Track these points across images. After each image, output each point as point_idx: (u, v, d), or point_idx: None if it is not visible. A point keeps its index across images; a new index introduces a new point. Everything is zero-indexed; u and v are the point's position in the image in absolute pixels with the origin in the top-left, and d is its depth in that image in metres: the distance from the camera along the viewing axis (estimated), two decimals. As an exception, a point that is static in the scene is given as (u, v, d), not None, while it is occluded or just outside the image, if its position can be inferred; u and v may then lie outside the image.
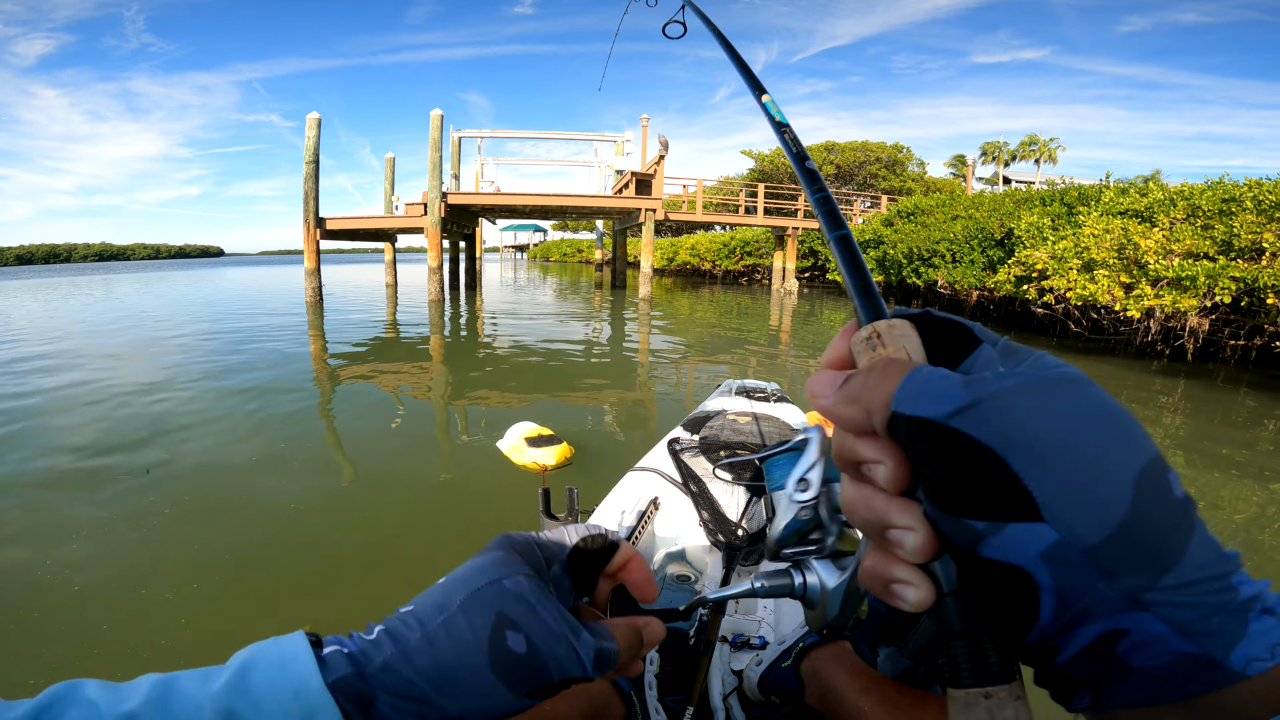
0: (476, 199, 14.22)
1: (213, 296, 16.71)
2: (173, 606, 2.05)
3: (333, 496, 3.00)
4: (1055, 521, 0.19)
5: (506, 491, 2.96)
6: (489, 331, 9.08)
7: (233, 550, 2.44)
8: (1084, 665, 0.21)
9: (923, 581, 0.22)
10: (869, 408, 0.22)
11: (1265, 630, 0.19)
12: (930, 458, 0.20)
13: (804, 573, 0.39)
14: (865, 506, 0.23)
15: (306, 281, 12.71)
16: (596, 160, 19.00)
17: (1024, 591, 0.20)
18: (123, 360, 6.72)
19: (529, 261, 59.93)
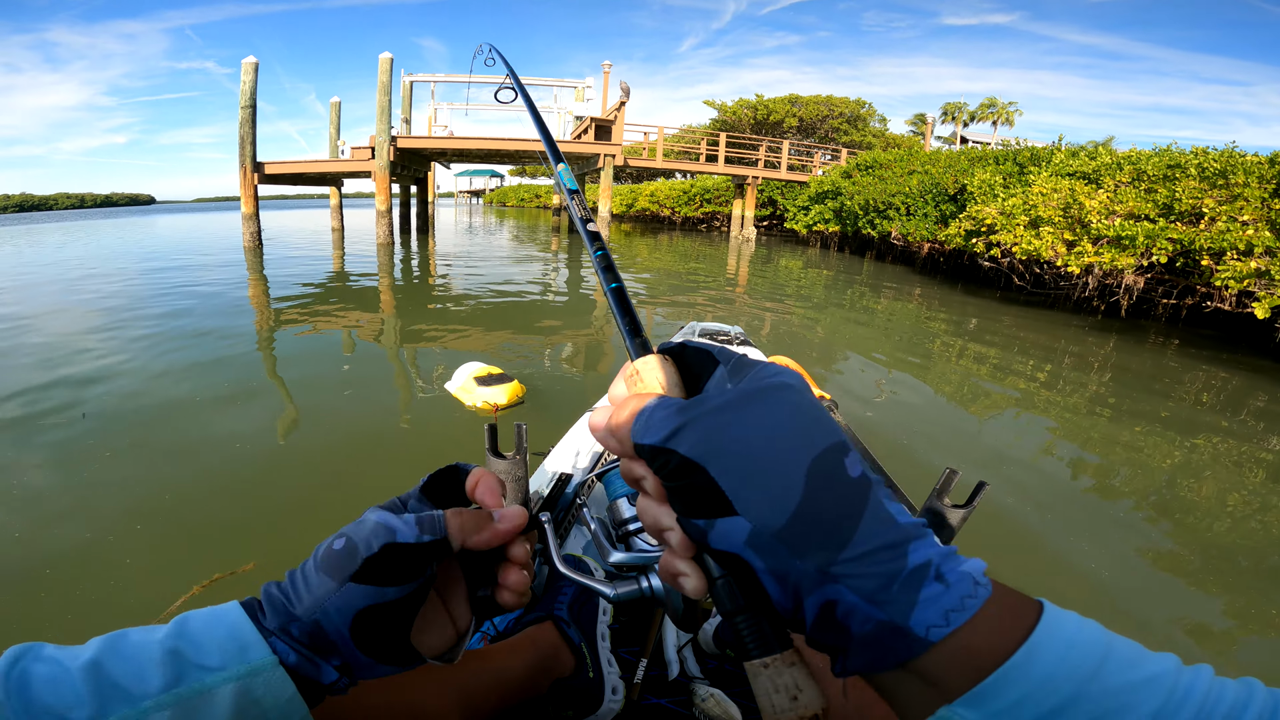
0: (428, 143, 13.71)
1: (143, 244, 15.66)
2: (115, 549, 1.98)
3: (275, 442, 2.90)
4: (746, 513, 0.24)
5: (455, 433, 2.91)
6: (442, 275, 8.81)
7: (175, 494, 2.35)
8: (824, 633, 0.25)
9: (695, 571, 0.27)
10: (621, 440, 0.27)
11: (935, 596, 0.23)
12: (663, 473, 0.25)
13: (648, 578, 0.42)
14: (645, 513, 0.28)
15: (244, 226, 12.06)
16: (556, 106, 18.39)
17: (750, 573, 0.25)
18: (51, 311, 6.28)
19: (485, 207, 58.02)
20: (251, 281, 8.00)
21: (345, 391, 3.55)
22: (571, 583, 0.88)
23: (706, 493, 0.24)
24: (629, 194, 28.21)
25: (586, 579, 0.45)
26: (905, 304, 7.46)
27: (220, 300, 6.41)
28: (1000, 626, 0.23)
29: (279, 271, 8.86)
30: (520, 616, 0.84)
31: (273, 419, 3.14)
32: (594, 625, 0.84)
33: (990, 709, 0.22)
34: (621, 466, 0.29)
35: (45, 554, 1.96)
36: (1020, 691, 0.21)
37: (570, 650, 0.77)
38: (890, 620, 0.23)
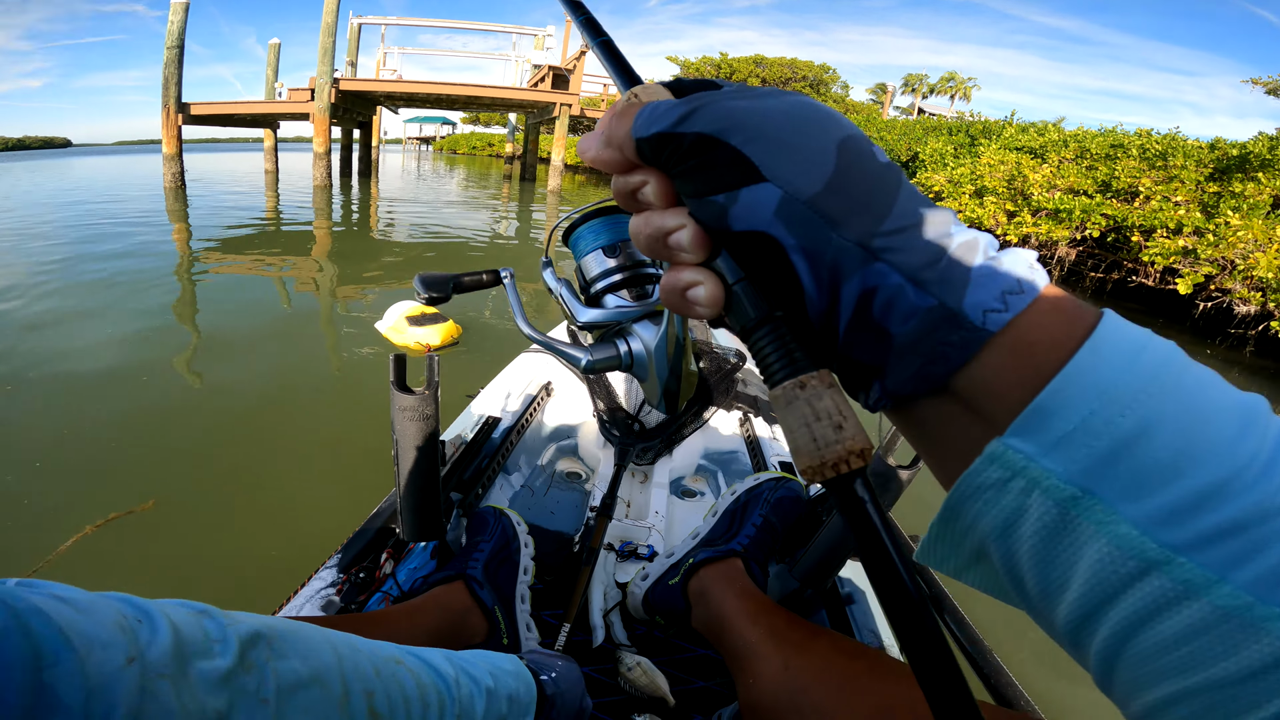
0: (373, 85, 13.04)
1: (53, 187, 14.41)
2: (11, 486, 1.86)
3: (184, 381, 2.70)
4: (775, 178, 0.21)
5: (380, 375, 2.72)
6: (384, 218, 8.39)
7: (75, 432, 2.17)
8: (858, 343, 0.22)
9: (709, 277, 0.24)
10: (619, 144, 0.25)
11: (989, 274, 0.20)
12: (672, 161, 0.23)
13: (627, 340, 0.38)
14: (645, 223, 0.25)
15: (165, 167, 11.24)
16: (514, 54, 17.73)
17: (777, 256, 0.22)
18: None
19: (435, 154, 55.83)
20: (172, 223, 7.41)
21: (266, 330, 3.30)
22: (489, 536, 0.80)
23: (727, 163, 0.22)
24: None
25: (555, 343, 0.41)
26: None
27: (134, 241, 5.88)
28: (1059, 320, 0.19)
29: (207, 216, 8.23)
30: (429, 574, 0.75)
31: (182, 358, 2.91)
32: (513, 586, 0.77)
33: (1050, 435, 0.18)
34: (615, 186, 0.26)
35: None
36: (1085, 408, 0.18)
37: (482, 614, 0.70)
38: (940, 304, 0.20)
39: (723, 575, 0.73)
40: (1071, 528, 0.18)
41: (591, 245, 0.40)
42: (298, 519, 1.82)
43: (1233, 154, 6.64)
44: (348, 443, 2.22)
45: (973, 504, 0.20)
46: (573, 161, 27.19)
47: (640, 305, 0.38)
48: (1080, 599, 0.18)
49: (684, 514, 1.12)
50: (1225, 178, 6.55)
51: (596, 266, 0.40)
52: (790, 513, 0.84)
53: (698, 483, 1.23)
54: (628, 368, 0.37)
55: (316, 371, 2.84)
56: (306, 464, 2.10)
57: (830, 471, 0.19)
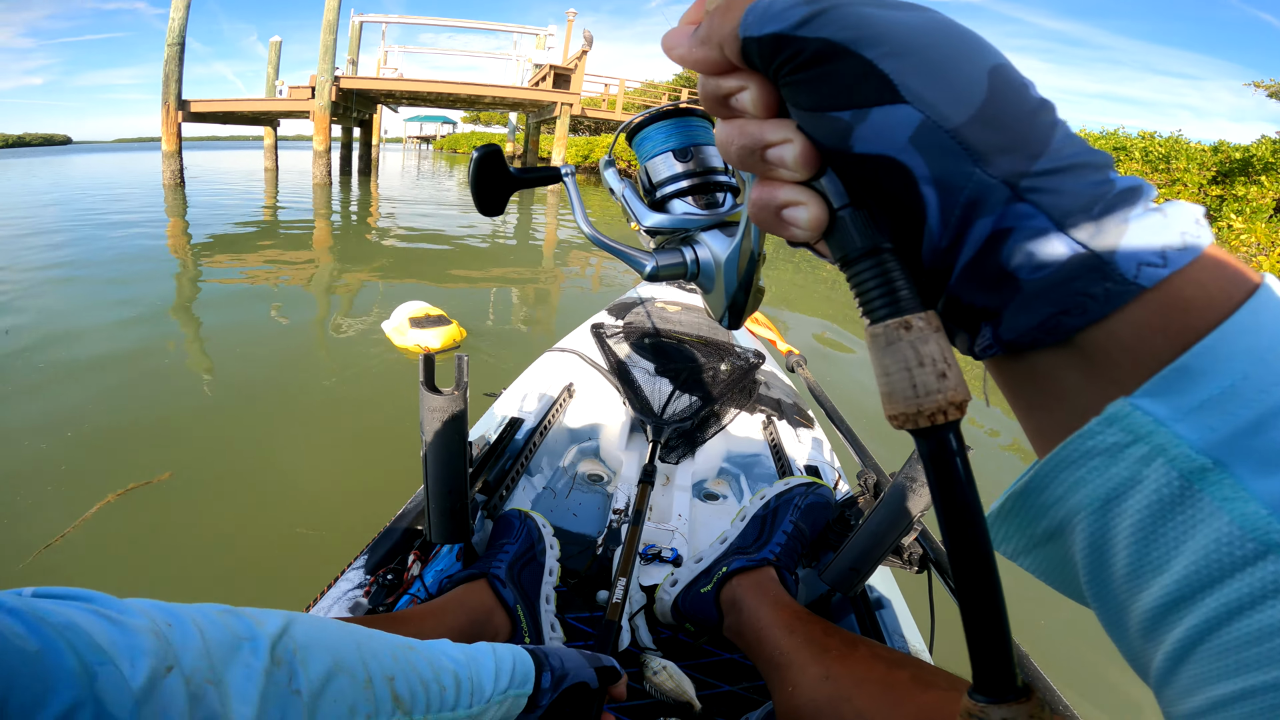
0: (374, 84, 12.99)
1: (52, 184, 14.40)
2: (32, 462, 1.98)
3: (190, 368, 2.72)
4: (916, 101, 0.19)
5: (379, 374, 2.71)
6: (384, 217, 8.36)
7: (90, 414, 2.24)
8: (976, 284, 0.20)
9: (811, 198, 0.22)
10: (720, 42, 0.22)
11: (1151, 226, 0.18)
12: (786, 68, 0.20)
13: (694, 249, 0.35)
14: (739, 133, 0.22)
15: (164, 164, 11.23)
16: (515, 53, 17.73)
17: (905, 185, 0.20)
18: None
19: (435, 153, 55.89)
20: (171, 219, 7.38)
21: (266, 324, 3.30)
22: (514, 538, 0.80)
23: (858, 77, 0.19)
24: (585, 145, 27.61)
25: (618, 246, 0.38)
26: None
27: (133, 236, 5.86)
28: (1219, 279, 0.17)
29: (206, 214, 8.19)
30: (454, 574, 0.76)
31: (186, 346, 2.93)
32: (538, 587, 0.76)
33: (1190, 399, 0.16)
34: (705, 89, 0.23)
35: None
36: (1238, 371, 0.16)
37: (505, 613, 0.70)
38: (1090, 252, 0.18)
39: (756, 585, 0.72)
40: (1191, 502, 0.16)
41: (661, 147, 0.37)
42: (301, 492, 1.91)
43: (1236, 157, 6.63)
44: (349, 428, 2.28)
45: (1073, 471, 0.18)
46: (574, 161, 27.24)
47: (710, 214, 0.35)
48: (1180, 581, 0.17)
49: (707, 517, 1.11)
50: (1228, 181, 6.53)
51: (665, 170, 0.37)
52: (820, 518, 0.83)
53: (720, 486, 1.23)
54: (693, 276, 0.35)
55: (315, 364, 2.83)
56: (310, 443, 2.19)
57: (925, 421, 0.18)
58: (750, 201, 0.23)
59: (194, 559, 1.59)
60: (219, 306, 3.76)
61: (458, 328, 3.01)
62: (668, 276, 0.36)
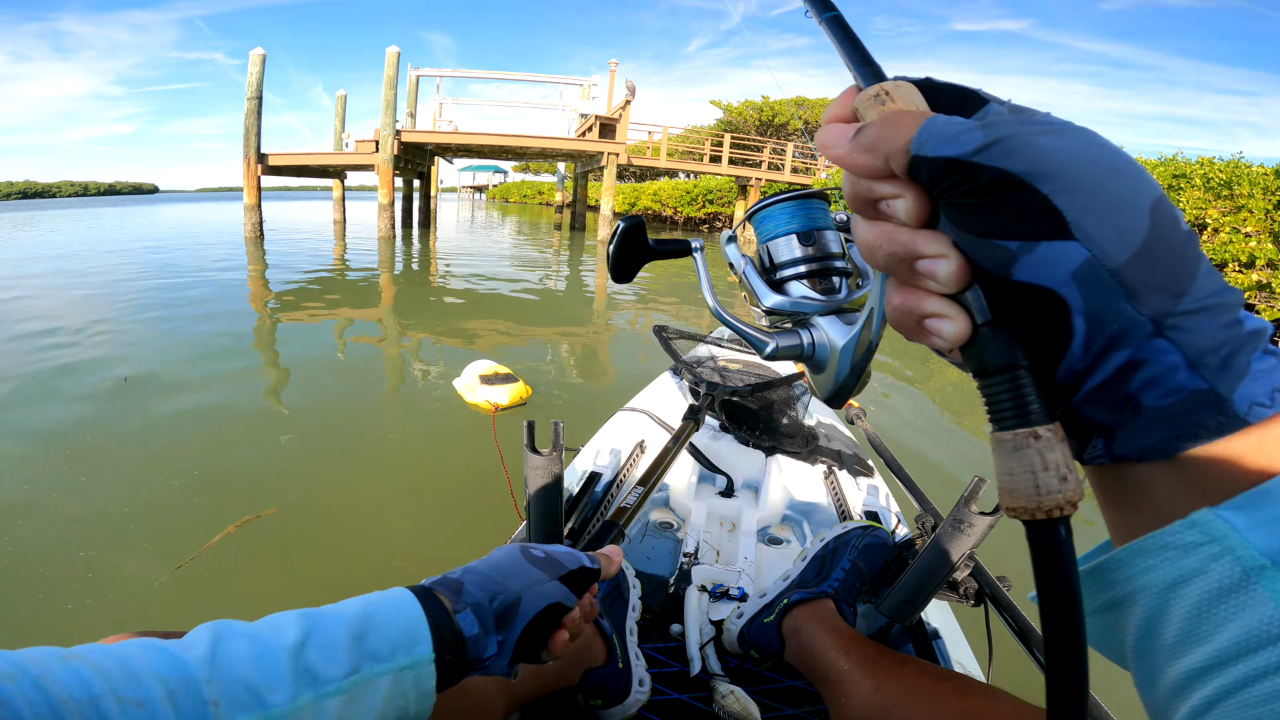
0: (432, 137, 13.72)
1: (143, 234, 15.65)
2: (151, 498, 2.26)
3: (282, 413, 3.01)
4: (1084, 239, 0.20)
5: (453, 428, 2.93)
6: (442, 270, 8.80)
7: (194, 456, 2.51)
8: (1099, 404, 0.21)
9: (957, 313, 0.22)
10: (888, 153, 0.23)
11: (1268, 370, 0.20)
12: (958, 191, 0.21)
13: (810, 332, 0.36)
14: (889, 240, 0.23)
15: (246, 217, 12.12)
16: (561, 104, 18.40)
17: (1056, 315, 0.21)
18: (44, 300, 6.26)
19: (487, 202, 58.08)
20: (252, 272, 7.99)
21: (344, 375, 3.60)
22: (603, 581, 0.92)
23: (1030, 210, 0.20)
24: (631, 192, 28.21)
25: (741, 325, 0.40)
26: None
27: (222, 286, 6.41)
28: None
29: (282, 265, 8.86)
30: None
31: (275, 393, 3.24)
32: (624, 619, 0.85)
33: (1265, 515, 0.19)
34: (855, 189, 0.25)
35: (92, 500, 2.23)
36: None
37: (603, 641, 0.77)
38: (1210, 389, 0.20)
39: (815, 614, 0.78)
40: (1246, 590, 0.19)
41: (785, 229, 0.39)
42: (391, 529, 2.13)
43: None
44: (432, 473, 2.53)
45: (1148, 559, 0.21)
46: (621, 209, 27.82)
47: (828, 300, 0.37)
48: (1219, 650, 0.19)
49: (771, 559, 1.18)
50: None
51: (787, 252, 0.39)
52: (877, 558, 0.90)
53: (783, 531, 1.30)
54: (808, 359, 0.37)
55: (394, 413, 3.08)
56: (396, 485, 2.44)
57: (1043, 514, 0.20)
58: (891, 306, 0.24)
59: (304, 583, 1.83)
60: (302, 357, 4.09)
61: (524, 385, 3.20)
62: (785, 357, 0.38)
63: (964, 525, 0.75)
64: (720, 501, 1.30)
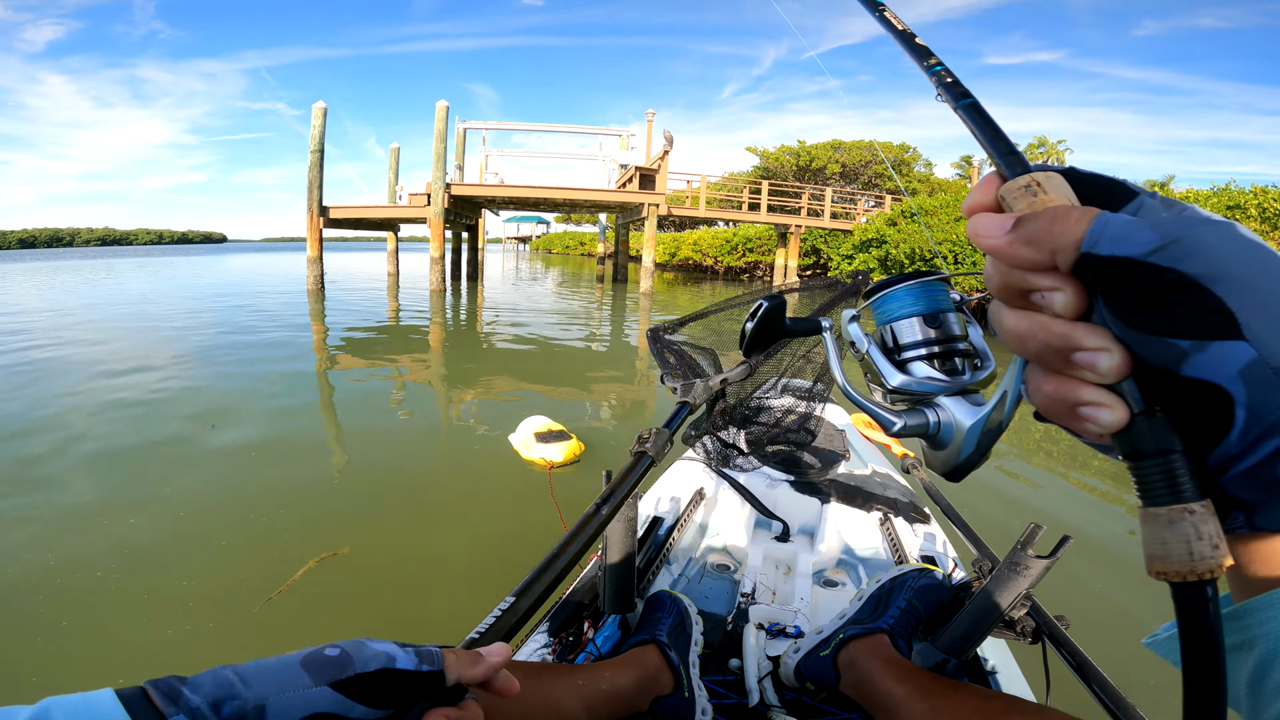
0: (480, 190, 14.23)
1: (215, 282, 16.70)
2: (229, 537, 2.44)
3: (345, 462, 3.22)
4: (1254, 339, 0.21)
5: (511, 484, 3.03)
6: (490, 322, 9.11)
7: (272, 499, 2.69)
8: (1246, 485, 0.23)
9: (1115, 402, 0.24)
10: (1054, 249, 0.24)
11: None
12: (1125, 288, 0.23)
13: (936, 411, 0.37)
14: (1043, 331, 0.25)
15: (309, 269, 12.74)
16: (601, 154, 18.91)
17: (1219, 407, 0.22)
18: (118, 345, 6.75)
19: (531, 253, 59.82)
20: (314, 326, 8.44)
21: (406, 427, 3.80)
22: (669, 611, 0.97)
23: (1203, 311, 0.22)
24: (671, 242, 28.56)
25: (870, 404, 0.41)
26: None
27: (292, 338, 6.80)
28: None
29: (340, 316, 9.35)
30: (625, 639, 0.94)
31: (344, 443, 3.44)
32: (687, 652, 0.91)
33: None
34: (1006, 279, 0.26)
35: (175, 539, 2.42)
36: None
37: (670, 671, 0.82)
38: None
39: (870, 647, 0.81)
40: None
41: (910, 310, 0.40)
42: (450, 577, 2.26)
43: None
44: (485, 524, 2.65)
45: (1270, 611, 0.24)
46: (661, 260, 28.12)
47: (953, 381, 0.38)
48: None
49: (827, 600, 1.21)
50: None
51: (911, 334, 0.39)
52: (933, 599, 0.92)
53: (839, 574, 1.33)
54: (932, 437, 0.37)
55: (454, 470, 3.23)
56: (459, 529, 2.58)
57: (1194, 577, 0.23)
58: (1043, 394, 0.26)
59: (380, 614, 2.01)
60: (362, 408, 4.30)
61: (577, 442, 3.28)
62: (911, 435, 0.38)
63: (1020, 568, 0.78)
64: (776, 545, 1.35)
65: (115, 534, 2.41)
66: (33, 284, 16.36)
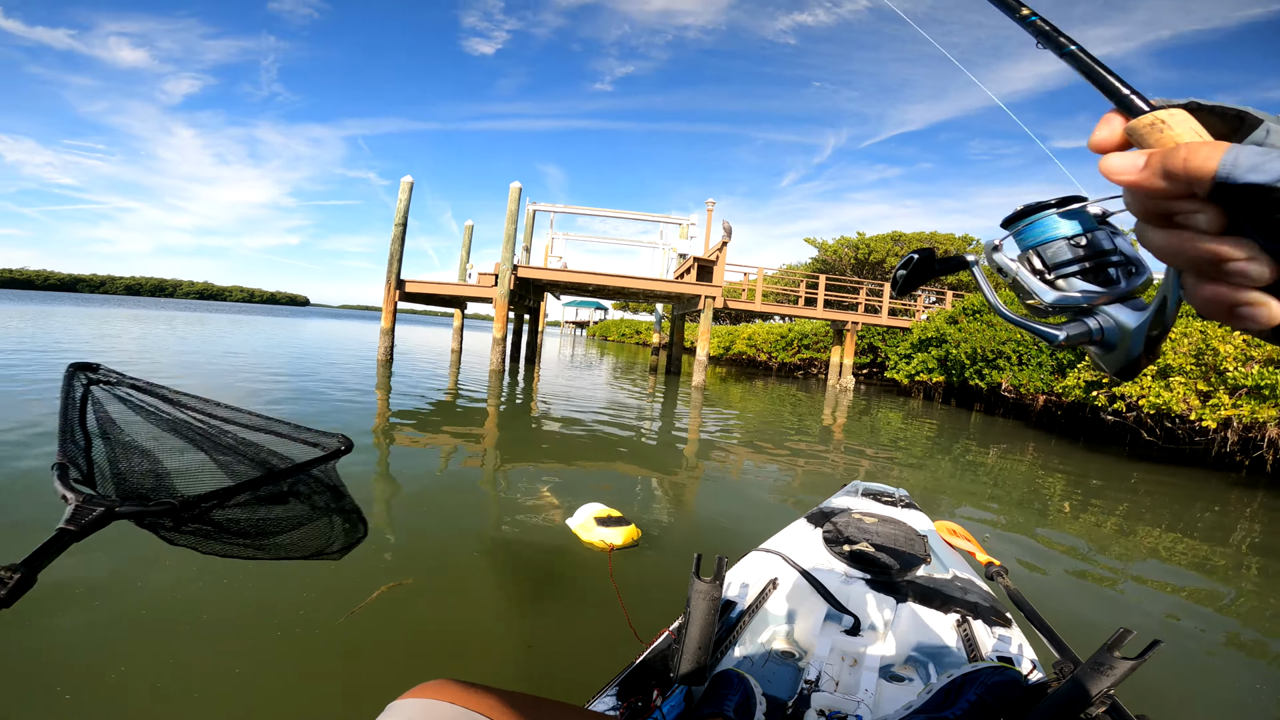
0: (545, 274, 14.84)
1: (295, 345, 17.83)
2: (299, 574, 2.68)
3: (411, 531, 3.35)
4: None
5: (571, 562, 3.13)
6: (543, 407, 9.31)
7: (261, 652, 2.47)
8: None
9: (1270, 300, 0.27)
10: (1190, 179, 0.27)
11: None
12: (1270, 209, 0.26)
13: (1097, 319, 0.40)
14: (1192, 246, 0.28)
15: (380, 340, 13.43)
16: (661, 242, 19.60)
17: None
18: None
19: (588, 339, 61.36)
20: (379, 396, 8.86)
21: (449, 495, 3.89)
22: (736, 689, 1.01)
23: None
24: (726, 336, 28.68)
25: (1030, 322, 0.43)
26: (1017, 461, 6.91)
27: (356, 405, 7.14)
28: None
29: (405, 388, 9.78)
30: (686, 711, 0.99)
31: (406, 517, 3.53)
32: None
33: None
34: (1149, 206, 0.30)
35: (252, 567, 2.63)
36: None
37: None
38: None
39: None
40: None
41: (1055, 233, 0.41)
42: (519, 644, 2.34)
43: None
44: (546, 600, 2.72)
45: None
46: (715, 353, 28.27)
47: (1111, 290, 0.40)
48: None
49: (893, 694, 1.18)
50: None
51: (1064, 254, 0.41)
52: (1006, 696, 0.88)
53: (908, 670, 1.29)
54: (1099, 341, 0.39)
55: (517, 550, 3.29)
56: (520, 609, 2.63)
57: None
58: (1203, 299, 0.29)
59: (440, 648, 2.22)
60: (415, 482, 4.40)
61: (634, 527, 3.39)
62: (1076, 343, 0.41)
63: (1104, 668, 0.76)
64: (845, 638, 1.34)
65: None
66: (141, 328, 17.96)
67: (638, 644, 1.95)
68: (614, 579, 2.81)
